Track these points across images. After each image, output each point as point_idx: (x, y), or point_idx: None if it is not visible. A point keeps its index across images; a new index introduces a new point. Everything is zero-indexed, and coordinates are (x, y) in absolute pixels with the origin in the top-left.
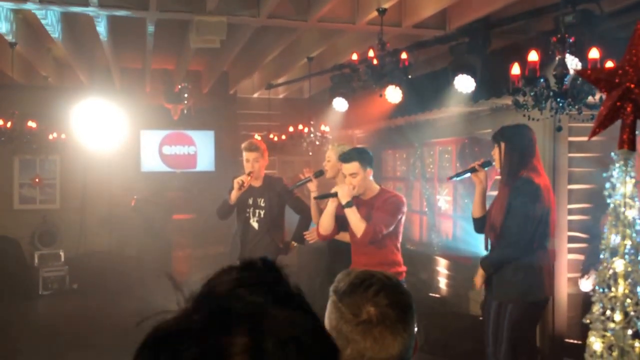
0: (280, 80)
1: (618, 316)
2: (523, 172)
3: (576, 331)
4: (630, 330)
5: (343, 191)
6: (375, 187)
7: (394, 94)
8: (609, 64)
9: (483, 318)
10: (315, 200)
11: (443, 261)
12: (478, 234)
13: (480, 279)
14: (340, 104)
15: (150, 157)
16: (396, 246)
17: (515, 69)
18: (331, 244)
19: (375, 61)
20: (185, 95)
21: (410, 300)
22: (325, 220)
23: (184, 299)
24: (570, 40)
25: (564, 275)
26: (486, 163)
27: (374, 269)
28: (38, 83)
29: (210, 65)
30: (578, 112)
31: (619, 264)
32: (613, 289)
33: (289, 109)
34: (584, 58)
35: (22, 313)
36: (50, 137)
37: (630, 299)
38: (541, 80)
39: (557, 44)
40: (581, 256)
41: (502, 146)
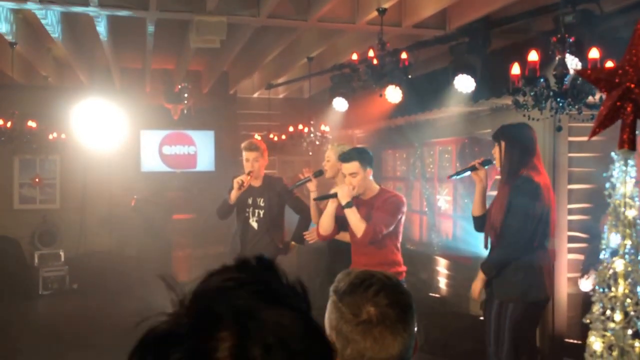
0: (280, 80)
1: (618, 316)
2: (523, 171)
3: (576, 331)
4: (630, 330)
5: (343, 192)
6: (375, 187)
7: (394, 94)
8: (609, 64)
9: (484, 318)
10: (315, 201)
11: (443, 261)
12: (478, 234)
13: (478, 287)
14: (340, 104)
15: (150, 157)
16: (396, 246)
17: (515, 69)
18: (331, 244)
19: (375, 61)
20: (185, 95)
21: (410, 300)
22: (325, 221)
23: (177, 299)
24: (570, 40)
25: (564, 275)
26: (486, 161)
27: (374, 269)
28: (38, 83)
29: (210, 65)
30: (578, 112)
31: (619, 264)
32: (613, 288)
33: (289, 109)
34: (584, 58)
35: (22, 313)
36: (50, 137)
37: (631, 299)
38: (541, 80)
39: (557, 44)
40: (581, 256)
41: (503, 145)
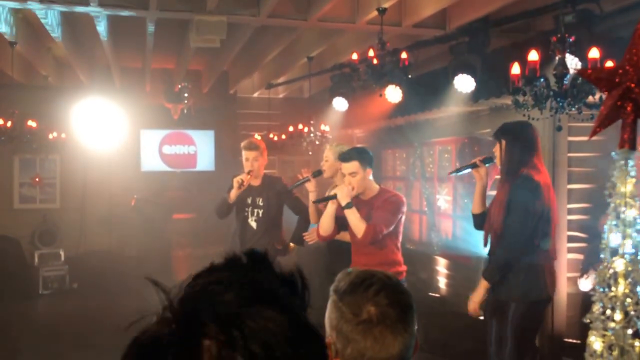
0: (280, 80)
1: (618, 315)
2: (523, 170)
3: (575, 331)
4: (630, 330)
5: (342, 192)
6: (375, 187)
7: (393, 94)
8: (608, 64)
9: (484, 318)
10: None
11: (443, 261)
12: (478, 234)
13: (478, 300)
14: (340, 104)
15: (150, 157)
16: (396, 246)
17: (515, 69)
18: (331, 243)
19: (375, 61)
20: (185, 95)
21: (411, 300)
22: (325, 222)
23: (166, 302)
24: (570, 40)
25: (563, 274)
26: (487, 159)
27: (374, 269)
28: (38, 82)
29: (210, 65)
30: (578, 112)
31: (619, 264)
32: (613, 288)
33: (289, 109)
34: (583, 57)
35: (22, 312)
36: (50, 137)
37: (631, 299)
38: (541, 79)
39: (557, 44)
40: (580, 256)
41: (503, 143)
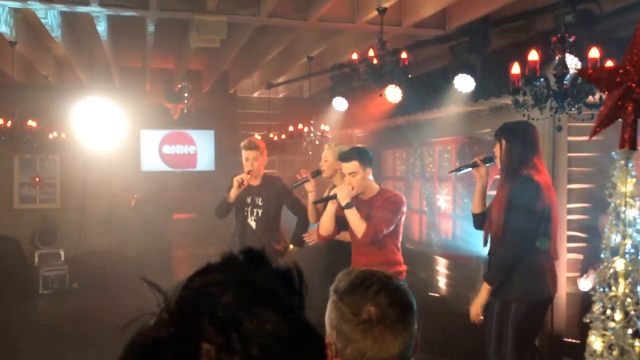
0: (280, 80)
1: (618, 315)
2: (523, 170)
3: (575, 330)
4: (630, 330)
5: (342, 193)
6: (375, 187)
7: (393, 94)
8: (608, 64)
9: (484, 317)
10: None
11: (442, 260)
12: (478, 233)
13: (480, 304)
14: (340, 104)
15: (150, 157)
16: (396, 246)
17: (515, 69)
18: (331, 243)
19: (375, 60)
20: (185, 95)
21: (411, 300)
22: (325, 222)
23: (162, 303)
24: (570, 40)
25: (563, 274)
26: (488, 159)
27: (374, 269)
28: (38, 82)
29: (210, 65)
30: (578, 112)
31: (620, 263)
32: (613, 288)
33: (288, 109)
34: (583, 57)
35: (22, 312)
36: (50, 137)
37: (631, 298)
38: (541, 79)
39: (557, 44)
40: (580, 255)
41: (504, 143)
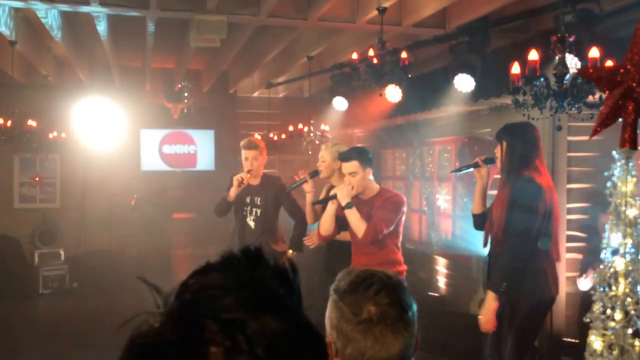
0: (280, 79)
1: (618, 315)
2: (525, 172)
3: (574, 330)
4: (630, 329)
5: (342, 193)
6: (375, 187)
7: (393, 93)
8: (608, 63)
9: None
10: (315, 205)
11: (442, 260)
12: (477, 233)
13: (492, 313)
14: (340, 103)
15: (150, 156)
16: (397, 245)
17: (515, 68)
18: (331, 243)
19: (375, 60)
20: (185, 94)
21: (411, 300)
22: (325, 222)
23: (162, 305)
24: (570, 40)
25: (562, 274)
26: (489, 159)
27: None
28: (38, 82)
29: (210, 64)
30: (578, 112)
31: (620, 263)
32: (613, 287)
33: (288, 108)
34: (583, 57)
35: (22, 312)
36: (51, 136)
37: (631, 298)
38: (541, 79)
39: (557, 43)
40: (579, 255)
41: (504, 144)
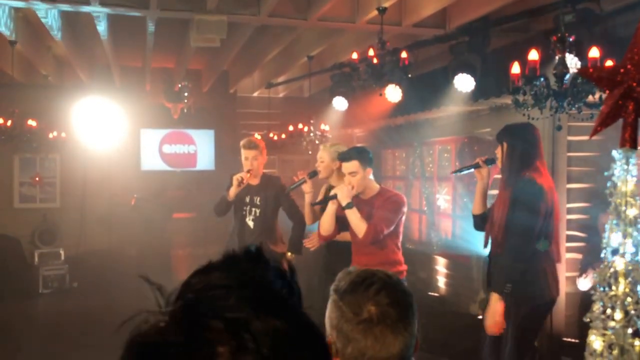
0: (280, 79)
1: (618, 315)
2: (525, 173)
3: (574, 330)
4: (630, 329)
5: (342, 193)
6: (375, 187)
7: (393, 93)
8: (608, 63)
9: (483, 317)
10: (314, 205)
11: (442, 260)
12: (477, 233)
13: (500, 314)
14: (340, 103)
15: (150, 156)
16: (397, 245)
17: (515, 68)
18: (331, 243)
19: (375, 60)
20: (185, 94)
21: (411, 299)
22: (326, 222)
23: (164, 304)
24: (570, 39)
25: (562, 274)
26: (490, 160)
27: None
28: (38, 81)
29: (211, 64)
30: (578, 111)
31: (620, 263)
32: (613, 287)
33: (289, 108)
34: (583, 57)
35: (22, 311)
36: (51, 136)
37: (631, 298)
38: (541, 79)
39: (557, 43)
40: (579, 255)
41: (505, 145)
